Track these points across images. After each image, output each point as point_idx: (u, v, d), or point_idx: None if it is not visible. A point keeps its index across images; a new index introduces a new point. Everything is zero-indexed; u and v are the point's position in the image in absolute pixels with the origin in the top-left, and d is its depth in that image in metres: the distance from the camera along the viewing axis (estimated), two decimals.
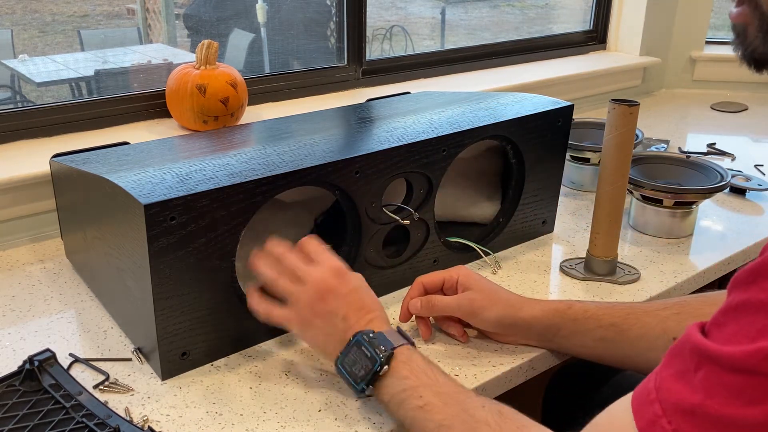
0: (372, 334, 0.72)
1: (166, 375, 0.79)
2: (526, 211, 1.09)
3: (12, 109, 1.17)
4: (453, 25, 5.49)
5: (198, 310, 0.78)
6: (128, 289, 0.81)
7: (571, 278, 1.01)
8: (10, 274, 1.01)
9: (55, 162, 0.96)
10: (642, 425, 0.48)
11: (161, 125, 1.28)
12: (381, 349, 0.70)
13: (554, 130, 1.06)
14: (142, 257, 0.73)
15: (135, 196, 0.72)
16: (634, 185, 1.12)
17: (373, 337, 0.71)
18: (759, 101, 1.96)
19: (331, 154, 0.85)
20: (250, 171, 0.79)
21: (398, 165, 0.89)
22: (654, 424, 0.47)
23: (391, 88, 1.55)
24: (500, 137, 1.01)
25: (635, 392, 0.51)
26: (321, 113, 1.12)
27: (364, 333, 0.72)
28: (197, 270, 0.76)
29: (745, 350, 0.44)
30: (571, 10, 2.27)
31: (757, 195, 1.32)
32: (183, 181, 0.76)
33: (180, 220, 0.73)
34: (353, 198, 0.87)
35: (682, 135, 1.68)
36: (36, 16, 3.55)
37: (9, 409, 0.71)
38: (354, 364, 0.71)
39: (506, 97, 1.13)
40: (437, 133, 0.93)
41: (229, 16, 2.74)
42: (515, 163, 1.05)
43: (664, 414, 0.47)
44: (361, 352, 0.71)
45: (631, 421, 0.49)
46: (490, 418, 0.63)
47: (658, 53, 1.97)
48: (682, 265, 1.05)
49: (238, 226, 0.78)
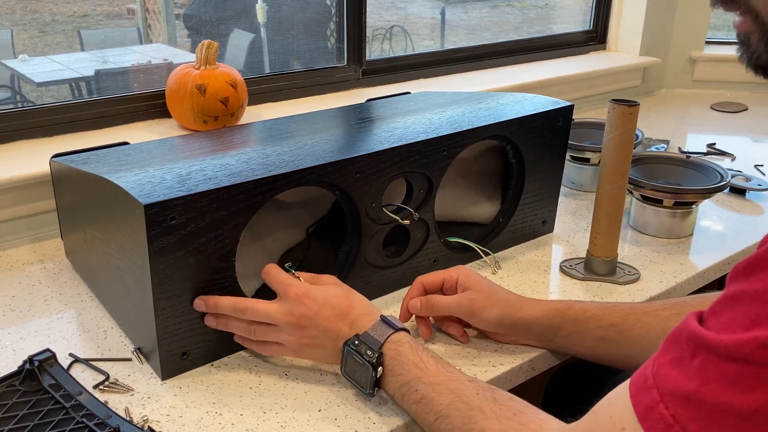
0: (357, 340, 0.73)
1: (166, 375, 0.79)
2: (526, 211, 1.09)
3: (12, 109, 1.17)
4: (453, 25, 5.49)
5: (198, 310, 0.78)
6: (128, 289, 0.81)
7: (571, 278, 1.01)
8: (10, 274, 1.01)
9: (55, 162, 0.96)
10: (640, 411, 0.49)
11: (161, 125, 1.28)
12: (369, 355, 0.71)
13: (554, 130, 1.06)
14: (142, 257, 0.73)
15: (135, 196, 0.72)
16: (634, 185, 1.12)
17: (359, 344, 0.73)
18: (759, 101, 1.96)
19: (331, 154, 0.85)
20: (250, 171, 0.79)
21: (398, 165, 0.89)
22: (652, 410, 0.48)
23: (391, 88, 1.55)
24: (500, 137, 1.01)
25: (633, 378, 0.52)
26: (321, 113, 1.12)
27: (350, 341, 0.73)
28: (197, 270, 0.76)
29: (740, 339, 0.44)
30: (571, 10, 2.27)
31: (757, 195, 1.32)
32: (183, 181, 0.76)
33: (180, 220, 0.73)
34: (353, 198, 0.87)
35: (682, 135, 1.68)
36: (36, 16, 3.55)
37: (9, 409, 0.71)
38: (354, 372, 0.74)
39: (506, 97, 1.13)
40: (437, 133, 0.93)
41: (229, 16, 2.74)
42: (515, 163, 1.05)
43: (662, 400, 0.48)
44: (354, 360, 0.73)
45: (630, 406, 0.50)
46: (485, 406, 0.64)
47: (658, 53, 1.97)
48: (682, 265, 1.05)
49: (238, 226, 0.78)
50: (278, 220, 0.93)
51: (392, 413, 0.74)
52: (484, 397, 0.65)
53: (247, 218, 0.78)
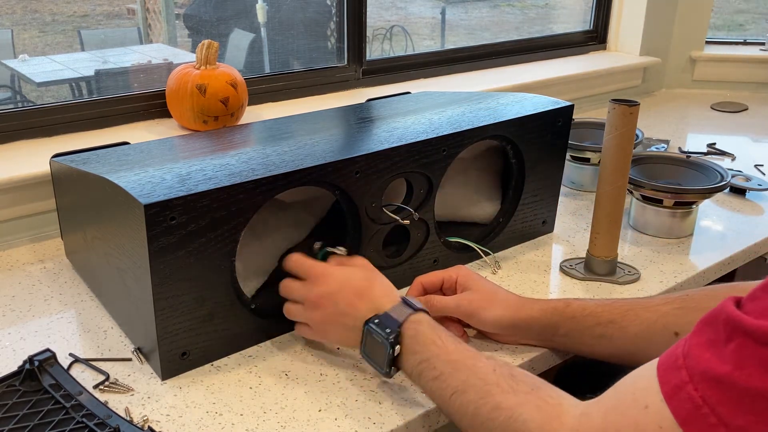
0: (377, 319, 0.73)
1: (166, 375, 0.79)
2: (526, 211, 1.09)
3: (12, 109, 1.17)
4: (453, 25, 5.49)
5: (198, 310, 0.78)
6: (128, 289, 0.81)
7: (571, 278, 1.01)
8: (10, 274, 1.01)
9: (55, 162, 0.96)
10: (667, 390, 0.48)
11: (161, 125, 1.28)
12: (388, 332, 0.72)
13: (554, 130, 1.06)
14: (142, 257, 0.73)
15: (135, 196, 0.72)
16: (634, 185, 1.12)
17: (378, 323, 0.73)
18: (759, 101, 1.96)
19: (331, 154, 0.85)
20: (250, 171, 0.79)
21: (398, 165, 0.89)
22: (680, 390, 0.47)
23: (391, 88, 1.55)
24: (500, 137, 1.01)
25: (662, 358, 0.51)
26: (321, 113, 1.12)
27: (370, 320, 0.74)
28: (197, 270, 0.76)
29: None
30: (571, 10, 2.27)
31: (757, 195, 1.32)
32: (183, 181, 0.76)
33: (180, 220, 0.73)
34: (353, 198, 0.87)
35: (682, 135, 1.68)
36: (36, 16, 3.55)
37: (9, 409, 0.71)
38: (373, 351, 0.74)
39: (506, 97, 1.13)
40: (437, 133, 0.93)
41: (229, 16, 2.74)
42: (515, 163, 1.05)
43: (691, 380, 0.47)
44: (373, 339, 0.73)
45: (656, 385, 0.49)
46: (502, 381, 0.64)
47: (658, 53, 1.97)
48: (682, 265, 1.05)
49: (238, 226, 0.78)
50: (278, 220, 0.93)
51: (392, 413, 0.74)
52: (501, 373, 0.65)
53: (247, 218, 0.78)
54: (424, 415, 0.75)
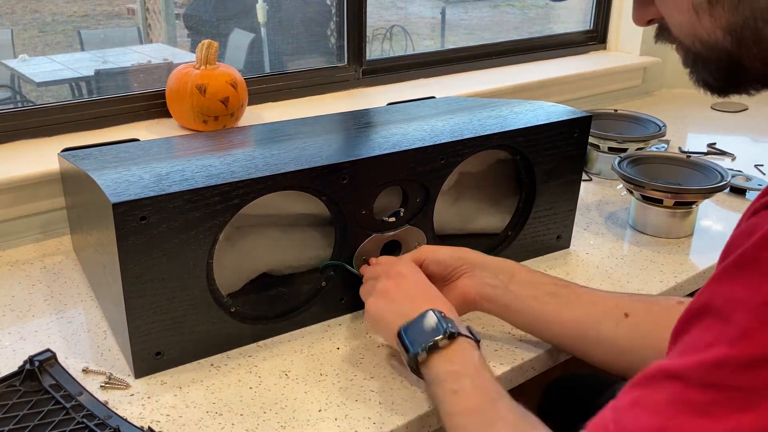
0: (443, 313, 0.73)
1: (139, 374, 0.78)
2: (537, 224, 1.04)
3: (12, 109, 1.17)
4: (453, 25, 5.49)
5: (172, 310, 0.78)
6: (109, 286, 0.81)
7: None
8: (10, 274, 1.01)
9: (61, 157, 0.96)
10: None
11: (161, 125, 1.28)
12: (449, 326, 0.70)
13: (570, 142, 1.01)
14: (115, 255, 0.73)
15: (108, 194, 0.72)
16: (634, 185, 1.12)
17: (442, 315, 0.72)
18: (759, 101, 1.96)
19: (317, 159, 0.83)
20: (229, 173, 0.78)
21: (391, 173, 0.87)
22: None
23: (391, 88, 1.55)
24: (508, 147, 0.97)
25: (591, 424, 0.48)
26: (327, 117, 1.10)
27: (436, 310, 0.73)
28: (171, 270, 0.76)
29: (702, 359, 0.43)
30: (571, 9, 2.26)
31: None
32: (159, 181, 0.75)
33: (151, 219, 0.72)
34: (340, 205, 0.85)
35: (682, 135, 1.68)
36: (36, 16, 3.55)
37: (9, 410, 0.71)
38: (418, 332, 0.72)
39: (522, 105, 1.09)
40: (435, 141, 0.90)
41: (229, 16, 2.75)
42: (525, 175, 1.01)
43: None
44: (428, 322, 0.72)
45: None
46: (510, 416, 0.62)
47: (658, 53, 1.96)
48: (682, 265, 1.05)
49: (213, 228, 0.77)
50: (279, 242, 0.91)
51: (392, 413, 0.74)
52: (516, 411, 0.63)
53: (225, 221, 0.77)
54: (423, 416, 0.75)
